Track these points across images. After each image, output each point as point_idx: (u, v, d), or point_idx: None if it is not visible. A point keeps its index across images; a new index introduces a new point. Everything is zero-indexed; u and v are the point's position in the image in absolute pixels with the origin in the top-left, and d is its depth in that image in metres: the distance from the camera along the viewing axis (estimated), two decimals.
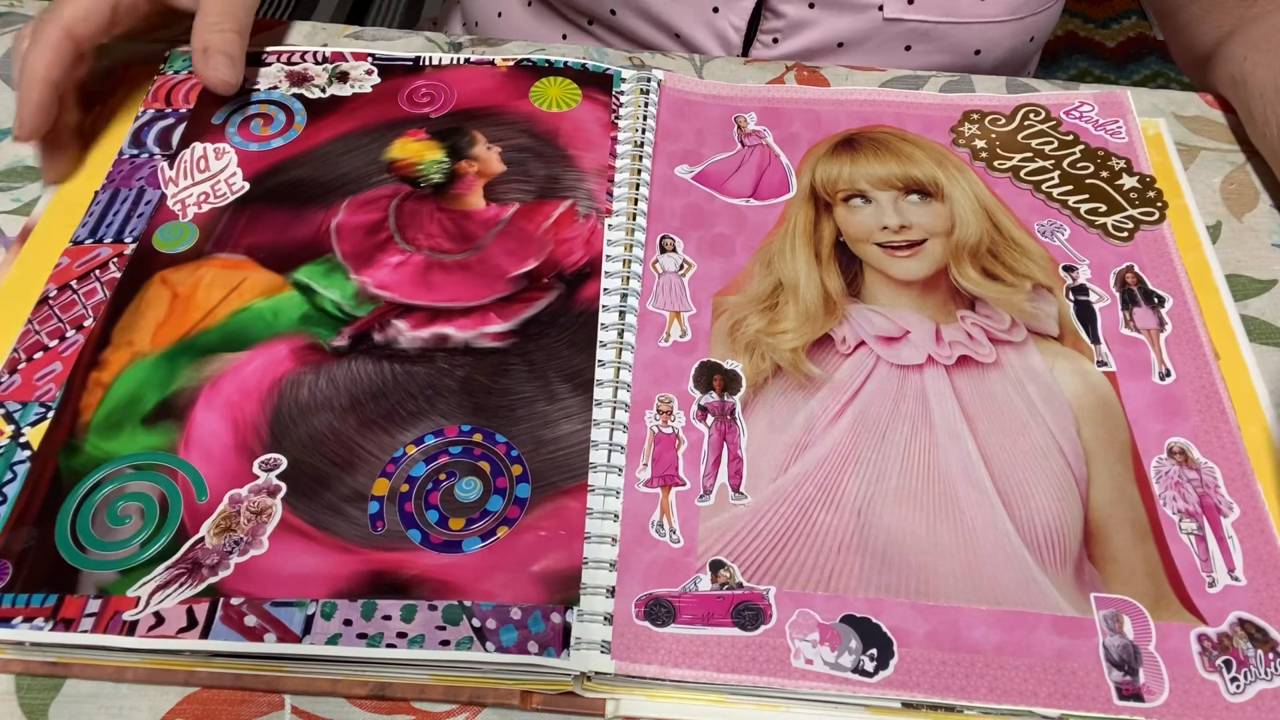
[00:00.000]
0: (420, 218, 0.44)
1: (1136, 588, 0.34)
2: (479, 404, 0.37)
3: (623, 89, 0.49)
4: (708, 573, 0.34)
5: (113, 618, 0.32)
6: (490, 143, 0.46)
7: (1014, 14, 0.56)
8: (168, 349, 0.39)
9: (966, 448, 0.37)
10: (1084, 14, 1.78)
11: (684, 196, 0.46)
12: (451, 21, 0.74)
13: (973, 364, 0.40)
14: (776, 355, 0.40)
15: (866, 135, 0.48)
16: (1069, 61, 1.70)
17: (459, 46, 0.53)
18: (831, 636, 0.33)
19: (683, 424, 0.38)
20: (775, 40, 0.57)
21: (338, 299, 0.41)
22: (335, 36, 0.53)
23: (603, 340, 0.40)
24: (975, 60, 0.58)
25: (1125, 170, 0.47)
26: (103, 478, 0.35)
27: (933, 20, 0.55)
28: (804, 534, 0.35)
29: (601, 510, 0.35)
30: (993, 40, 0.57)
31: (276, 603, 0.32)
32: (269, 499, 0.35)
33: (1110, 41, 1.73)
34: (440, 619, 0.32)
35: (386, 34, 0.54)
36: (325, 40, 0.53)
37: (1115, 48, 1.72)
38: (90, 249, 0.42)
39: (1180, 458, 0.38)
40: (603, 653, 0.32)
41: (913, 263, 0.43)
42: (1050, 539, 0.35)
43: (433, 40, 0.53)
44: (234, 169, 0.45)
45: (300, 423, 0.37)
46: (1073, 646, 0.33)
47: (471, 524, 0.34)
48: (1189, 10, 0.58)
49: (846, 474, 0.37)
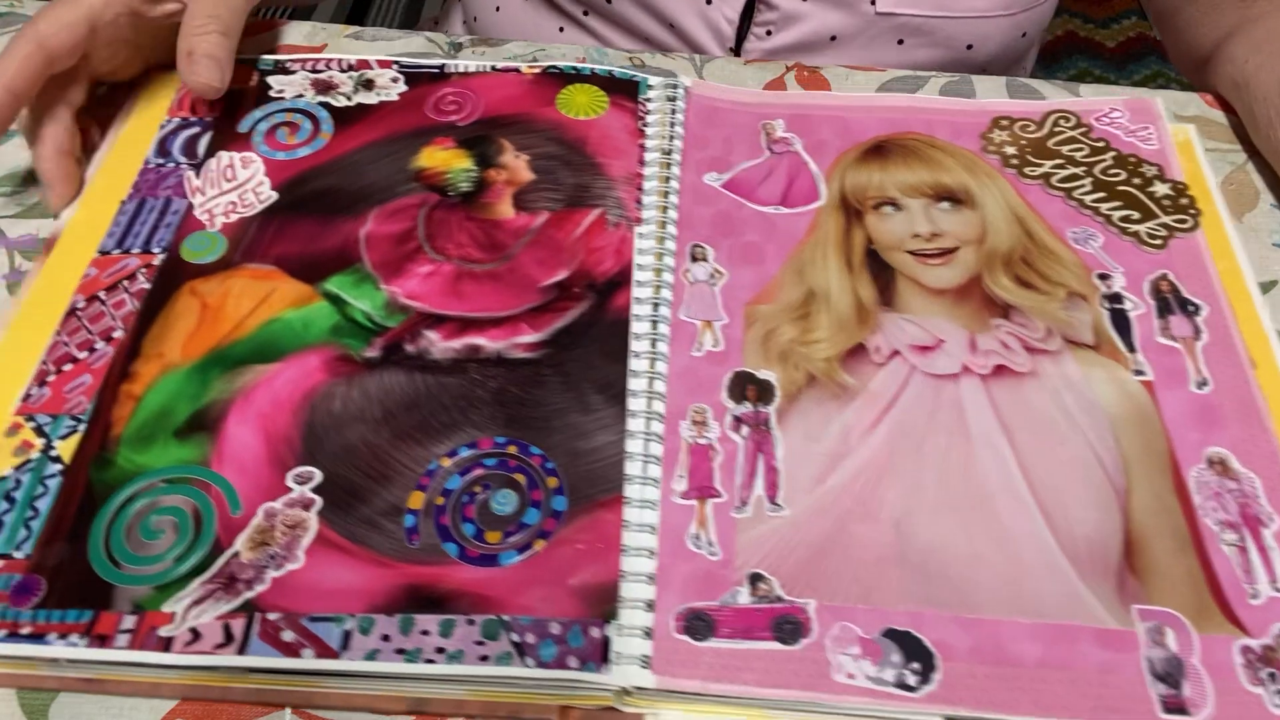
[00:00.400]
0: (449, 227, 0.43)
1: (1178, 599, 0.34)
2: (512, 415, 0.37)
3: (649, 96, 0.49)
4: (746, 586, 0.34)
5: (149, 634, 0.32)
6: (518, 151, 0.46)
7: (1006, 9, 0.56)
8: (199, 360, 0.39)
9: (1005, 458, 0.37)
10: (1084, 14, 1.78)
11: (713, 204, 0.45)
12: (452, 20, 0.74)
13: (1009, 373, 0.39)
14: (810, 365, 0.40)
15: (896, 142, 0.48)
16: (1069, 61, 1.70)
17: (459, 47, 0.53)
18: (873, 650, 0.32)
19: (717, 435, 0.38)
20: (769, 33, 0.58)
21: (368, 309, 0.40)
22: (335, 36, 0.53)
23: (635, 350, 0.39)
24: (968, 55, 0.58)
25: (1157, 177, 0.46)
26: (135, 491, 0.35)
27: (924, 15, 0.55)
28: (842, 546, 0.35)
29: (638, 523, 0.35)
30: (984, 35, 0.57)
31: (314, 618, 0.32)
32: (304, 512, 0.34)
33: (1110, 41, 1.73)
34: (479, 634, 0.32)
35: (386, 34, 0.54)
36: (325, 40, 0.53)
37: (1115, 48, 1.72)
38: (118, 259, 0.42)
39: (1219, 468, 0.37)
40: (643, 667, 0.32)
41: (945, 271, 0.43)
42: (1091, 550, 0.35)
43: (433, 40, 0.53)
44: (261, 178, 0.45)
45: (333, 435, 0.36)
46: (1116, 659, 0.33)
47: (508, 537, 0.34)
48: (1187, 12, 0.58)
49: (884, 485, 0.36)
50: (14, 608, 0.32)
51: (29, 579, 0.33)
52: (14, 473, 0.36)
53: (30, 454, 0.36)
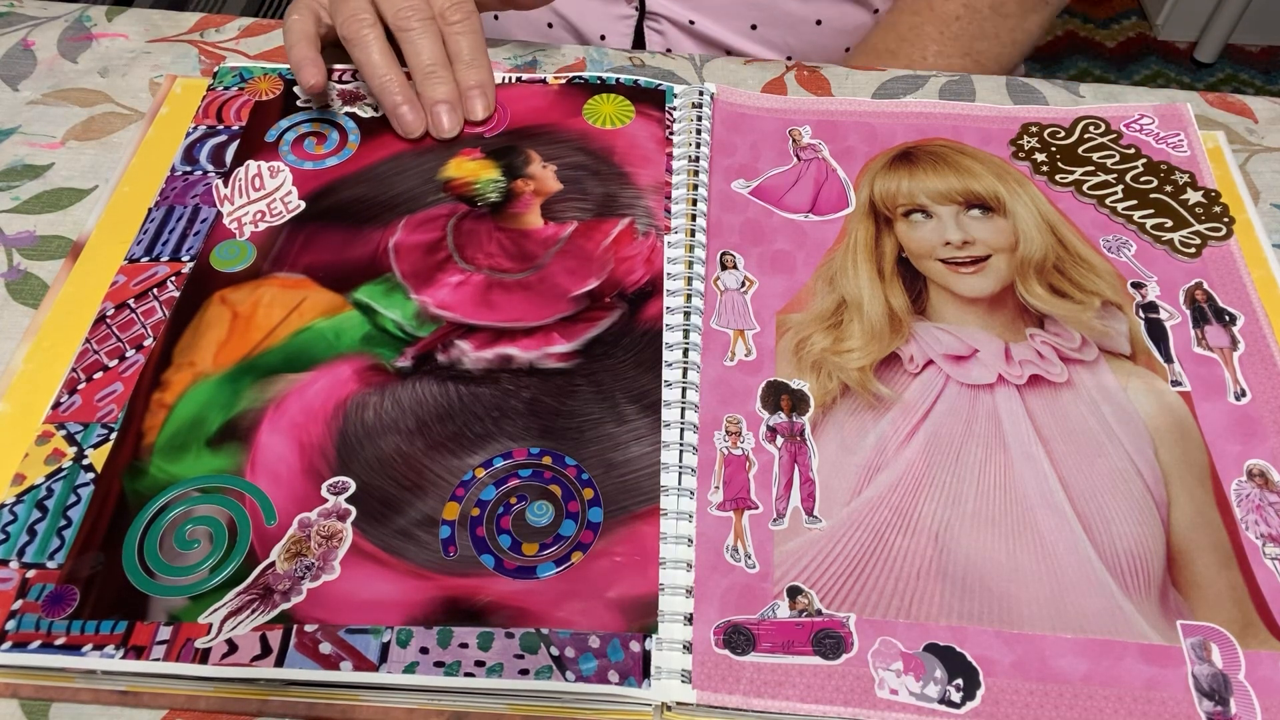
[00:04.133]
0: (479, 237, 0.43)
1: (1223, 615, 0.34)
2: (546, 426, 0.37)
3: (675, 104, 0.49)
4: (785, 599, 0.33)
5: (185, 645, 0.31)
6: (545, 161, 0.46)
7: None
8: (230, 369, 0.38)
9: (1043, 470, 0.37)
10: (1084, 14, 1.78)
11: (742, 212, 0.45)
12: None
13: (1045, 383, 0.39)
14: (844, 375, 0.39)
15: (924, 148, 0.48)
16: (1069, 62, 1.70)
17: None
18: (915, 666, 0.32)
19: (752, 445, 0.37)
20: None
21: (399, 319, 0.40)
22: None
23: (668, 360, 0.39)
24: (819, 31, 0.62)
25: (1190, 185, 0.46)
26: (169, 500, 0.35)
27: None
28: (881, 559, 0.34)
29: (675, 535, 0.34)
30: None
31: (351, 629, 0.32)
32: (339, 523, 0.34)
33: (1110, 41, 1.73)
34: (518, 647, 0.31)
35: None
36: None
37: (1115, 48, 1.72)
38: (147, 267, 0.42)
39: (1260, 480, 0.37)
40: (684, 682, 0.31)
41: (978, 279, 0.42)
42: (1134, 565, 0.34)
43: None
44: (289, 187, 0.45)
45: (367, 445, 0.36)
46: (1161, 675, 0.32)
47: (545, 549, 0.34)
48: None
49: (921, 497, 0.36)
50: (47, 618, 0.32)
51: (62, 589, 0.33)
52: (46, 481, 0.35)
53: (62, 462, 0.36)
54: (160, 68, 0.52)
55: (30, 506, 0.35)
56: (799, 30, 0.63)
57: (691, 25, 0.63)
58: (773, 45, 0.63)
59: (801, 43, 0.63)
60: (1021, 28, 0.58)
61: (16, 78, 0.51)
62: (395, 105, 0.46)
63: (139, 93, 0.51)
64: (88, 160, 0.48)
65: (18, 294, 0.42)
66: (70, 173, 0.47)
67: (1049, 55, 1.72)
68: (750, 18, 0.62)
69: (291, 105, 0.49)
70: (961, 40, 0.57)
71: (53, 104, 0.50)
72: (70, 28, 0.54)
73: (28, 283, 0.43)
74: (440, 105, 0.46)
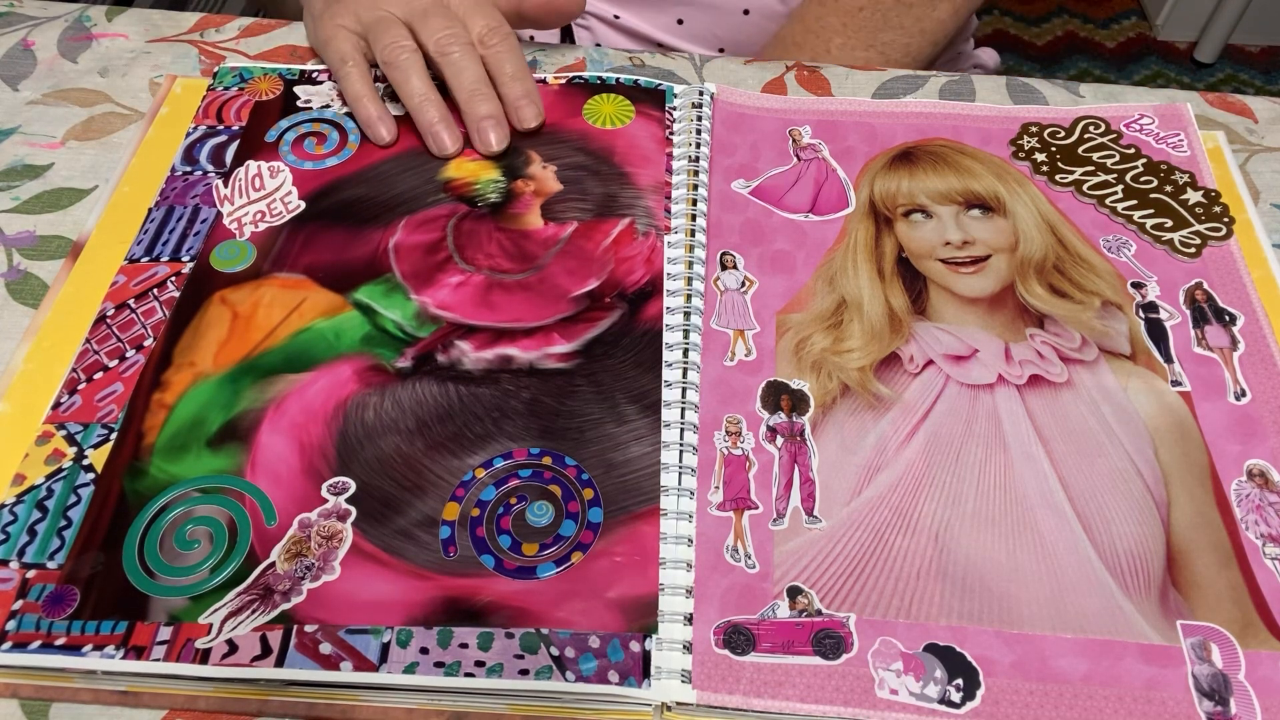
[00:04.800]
0: (479, 237, 0.43)
1: (1223, 614, 0.34)
2: (546, 426, 0.37)
3: (675, 104, 0.49)
4: (785, 599, 0.33)
5: (185, 645, 0.32)
6: (546, 161, 0.46)
7: None
8: (230, 370, 0.38)
9: (1043, 470, 0.37)
10: (1084, 14, 1.78)
11: (742, 212, 0.45)
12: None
13: (1045, 383, 0.39)
14: (844, 375, 0.39)
15: (924, 148, 0.48)
16: (1069, 62, 1.70)
17: None
18: (915, 666, 0.32)
19: (752, 445, 0.37)
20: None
21: (399, 319, 0.40)
22: None
23: (668, 360, 0.39)
24: (746, 21, 0.60)
25: (1190, 185, 0.46)
26: (169, 501, 0.35)
27: None
28: (881, 559, 0.34)
29: (675, 535, 0.34)
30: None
31: (351, 630, 0.32)
32: (339, 523, 0.34)
33: (1110, 41, 1.73)
34: (518, 647, 0.31)
35: None
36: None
37: (1115, 48, 1.72)
38: (147, 267, 0.42)
39: (1260, 480, 0.37)
40: (684, 682, 0.31)
41: (978, 279, 0.42)
42: (1134, 565, 0.34)
43: None
44: (289, 187, 0.45)
45: (367, 445, 0.36)
46: (1161, 676, 0.32)
47: (545, 549, 0.34)
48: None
49: (921, 497, 0.36)
50: (48, 618, 0.32)
51: (63, 589, 0.33)
52: (46, 481, 0.35)
53: (62, 463, 0.36)
54: (160, 68, 0.52)
55: (30, 507, 0.35)
56: (726, 21, 0.61)
57: (617, 20, 0.62)
58: (699, 39, 0.63)
59: (730, 34, 0.62)
60: (930, 16, 0.57)
61: (16, 78, 0.51)
62: (431, 123, 0.46)
63: (139, 93, 0.51)
64: (88, 160, 0.48)
65: (18, 294, 0.42)
66: (70, 173, 0.47)
67: (1049, 55, 1.72)
68: (676, 12, 0.61)
69: (291, 105, 0.49)
70: (865, 32, 0.56)
71: (53, 104, 0.50)
72: (70, 28, 0.54)
73: (28, 283, 0.43)
74: (486, 121, 0.46)
